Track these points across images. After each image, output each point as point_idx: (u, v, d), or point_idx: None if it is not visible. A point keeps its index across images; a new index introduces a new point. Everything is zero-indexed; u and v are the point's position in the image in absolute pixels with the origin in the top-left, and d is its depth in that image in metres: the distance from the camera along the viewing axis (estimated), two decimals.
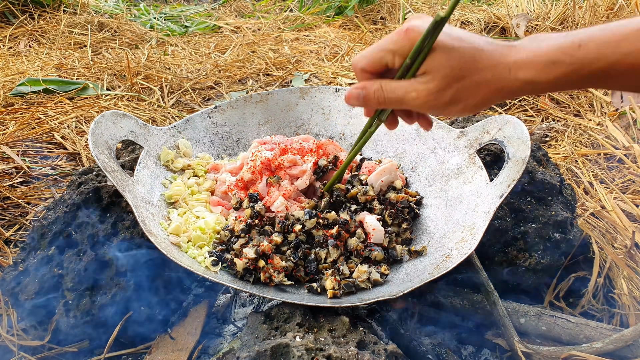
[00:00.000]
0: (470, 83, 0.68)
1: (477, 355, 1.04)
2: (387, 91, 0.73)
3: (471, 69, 0.67)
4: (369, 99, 0.75)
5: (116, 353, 1.02)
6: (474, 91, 0.69)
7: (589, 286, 1.14)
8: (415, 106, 0.72)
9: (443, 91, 0.69)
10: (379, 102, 0.74)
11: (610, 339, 0.93)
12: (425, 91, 0.70)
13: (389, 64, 0.73)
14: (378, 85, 0.73)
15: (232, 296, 1.17)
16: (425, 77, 0.70)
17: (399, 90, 0.72)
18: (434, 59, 0.68)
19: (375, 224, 1.01)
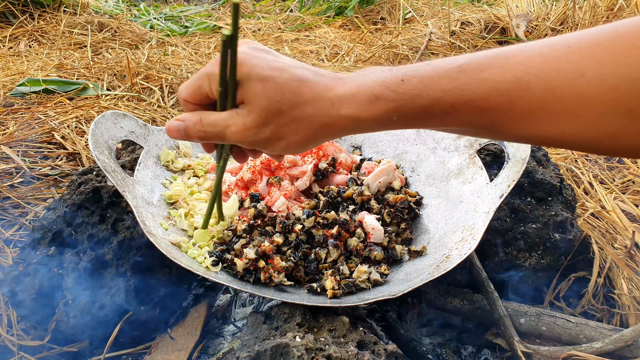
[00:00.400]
0: (290, 118, 0.61)
1: (477, 355, 1.04)
2: (207, 124, 0.65)
3: (291, 103, 0.60)
4: (190, 132, 0.67)
5: (116, 353, 1.02)
6: (295, 127, 0.61)
7: (589, 286, 1.14)
8: (236, 142, 0.65)
9: (262, 127, 0.62)
10: (199, 136, 0.67)
11: (610, 339, 0.93)
12: (243, 126, 0.62)
13: (208, 92, 0.66)
14: (198, 117, 0.66)
15: (232, 296, 1.18)
16: (245, 109, 0.62)
17: (219, 125, 0.65)
18: (250, 88, 0.61)
19: (375, 223, 1.01)
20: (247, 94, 0.62)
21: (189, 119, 0.67)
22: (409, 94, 0.57)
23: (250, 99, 0.62)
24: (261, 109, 0.61)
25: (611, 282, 1.17)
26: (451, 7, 2.94)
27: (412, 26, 2.77)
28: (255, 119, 0.62)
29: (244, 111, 0.62)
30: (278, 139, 0.63)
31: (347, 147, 1.33)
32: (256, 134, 0.63)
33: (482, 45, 2.30)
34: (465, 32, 2.44)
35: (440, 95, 0.56)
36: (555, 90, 0.51)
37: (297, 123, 0.61)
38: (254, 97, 0.61)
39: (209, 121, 0.65)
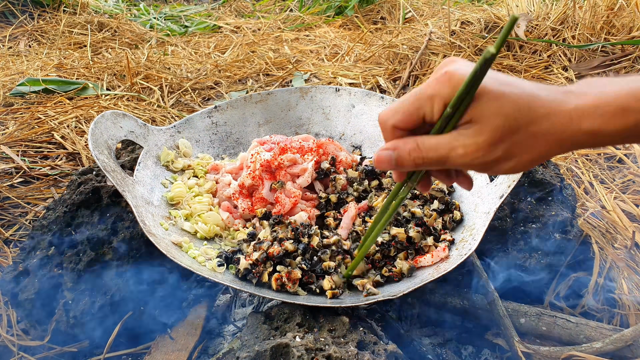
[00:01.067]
0: (526, 135, 0.58)
1: (477, 355, 1.04)
2: (426, 150, 0.61)
3: (527, 119, 0.57)
4: (403, 160, 0.62)
5: (116, 353, 1.02)
6: (530, 145, 0.58)
7: (589, 286, 1.14)
8: (461, 164, 0.61)
9: (495, 145, 0.58)
10: (416, 163, 0.62)
11: (611, 339, 0.93)
12: (474, 146, 0.58)
13: (427, 115, 0.61)
14: (414, 143, 0.62)
15: (232, 296, 1.17)
16: (472, 129, 0.59)
17: (442, 148, 0.60)
18: (483, 107, 0.58)
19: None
20: (479, 113, 0.58)
21: (402, 146, 0.62)
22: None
23: (482, 118, 0.58)
24: (496, 127, 0.58)
25: (611, 282, 1.17)
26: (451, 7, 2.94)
27: (412, 26, 2.77)
28: (488, 138, 0.58)
29: (471, 131, 0.59)
30: (508, 158, 0.60)
31: (347, 147, 1.33)
32: (487, 153, 0.59)
33: (483, 45, 2.30)
34: (466, 31, 2.44)
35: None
36: None
37: (532, 140, 0.58)
38: (488, 115, 0.58)
39: (429, 145, 0.61)
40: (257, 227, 1.07)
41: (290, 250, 0.96)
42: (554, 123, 0.57)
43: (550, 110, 0.57)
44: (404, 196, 0.74)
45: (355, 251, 0.98)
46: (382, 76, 2.20)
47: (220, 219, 1.09)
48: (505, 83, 0.58)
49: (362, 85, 2.14)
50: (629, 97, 0.55)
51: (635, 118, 0.54)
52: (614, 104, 0.55)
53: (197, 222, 1.08)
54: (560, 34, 2.31)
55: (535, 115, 0.57)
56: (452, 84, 0.58)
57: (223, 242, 1.07)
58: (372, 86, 2.14)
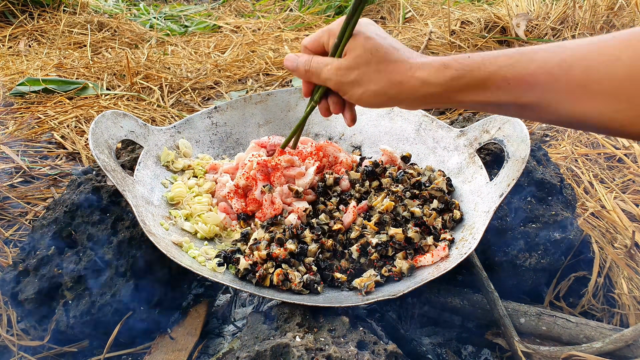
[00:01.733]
0: (374, 69, 0.76)
1: (477, 355, 1.04)
2: (314, 62, 0.84)
3: (379, 58, 0.76)
4: (299, 66, 0.85)
5: (116, 353, 1.02)
6: (375, 77, 0.76)
7: (589, 286, 1.14)
8: (326, 78, 0.82)
9: (350, 69, 0.78)
10: (305, 70, 0.85)
11: (611, 338, 0.93)
12: (337, 66, 0.80)
13: (325, 43, 0.85)
14: (310, 57, 0.85)
15: (232, 296, 1.18)
16: (344, 57, 0.80)
17: (321, 63, 0.82)
18: (354, 42, 0.79)
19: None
20: (351, 46, 0.79)
21: (303, 55, 0.86)
22: (471, 66, 0.70)
23: (351, 49, 0.79)
24: (356, 56, 0.78)
25: (611, 281, 1.17)
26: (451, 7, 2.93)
27: (412, 25, 2.77)
28: (347, 63, 0.79)
29: (343, 58, 0.80)
30: (359, 84, 0.78)
31: (347, 147, 1.33)
32: (344, 74, 0.79)
33: (482, 45, 2.30)
34: (466, 31, 2.43)
35: (496, 70, 0.68)
36: (592, 71, 0.59)
37: (377, 74, 0.76)
38: (354, 47, 0.78)
39: (315, 60, 0.84)
40: (252, 227, 1.07)
41: (292, 250, 0.96)
42: (397, 68, 0.75)
43: (398, 59, 0.76)
44: (309, 110, 0.97)
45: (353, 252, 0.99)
46: None
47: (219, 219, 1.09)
48: (380, 35, 0.79)
49: None
50: (451, 59, 0.72)
51: (452, 73, 0.71)
52: (440, 62, 0.73)
53: (197, 222, 1.08)
54: (560, 33, 2.31)
55: (386, 58, 0.76)
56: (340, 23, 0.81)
57: (223, 242, 1.07)
58: None
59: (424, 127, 1.24)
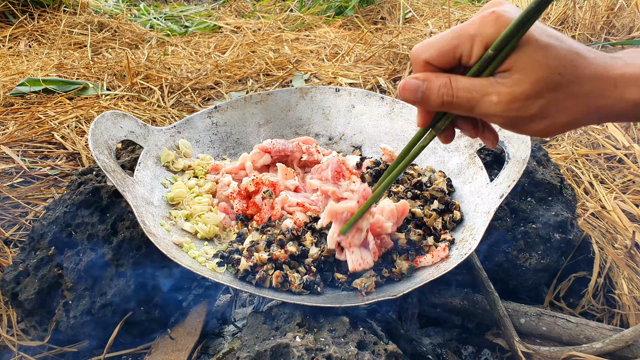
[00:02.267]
0: (566, 94, 0.53)
1: (477, 355, 1.04)
2: (458, 88, 0.56)
3: (571, 77, 0.53)
4: (431, 94, 0.57)
5: (116, 353, 1.02)
6: (568, 105, 0.54)
7: (589, 286, 1.14)
8: (492, 114, 0.56)
9: (532, 99, 0.54)
10: (444, 101, 0.57)
11: (611, 339, 0.93)
12: (510, 96, 0.54)
13: (465, 55, 0.56)
14: (446, 79, 0.56)
15: (232, 296, 1.18)
16: (512, 78, 0.54)
17: (475, 90, 0.55)
18: (527, 56, 0.53)
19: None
20: (521, 61, 0.53)
21: (433, 79, 0.57)
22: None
23: (524, 67, 0.53)
24: (538, 79, 0.53)
25: (611, 282, 1.17)
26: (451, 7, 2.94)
27: (412, 26, 2.77)
28: (526, 89, 0.53)
29: (510, 80, 0.54)
30: (543, 117, 0.55)
31: (347, 147, 1.33)
32: (522, 107, 0.54)
33: None
34: None
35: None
36: None
37: (572, 101, 0.54)
38: (530, 64, 0.53)
39: (461, 85, 0.56)
40: (249, 229, 1.07)
41: (293, 253, 0.96)
42: (598, 87, 0.53)
43: (595, 73, 0.53)
44: (425, 144, 0.68)
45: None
46: (382, 76, 2.20)
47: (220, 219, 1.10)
48: (554, 36, 0.54)
49: (362, 86, 2.14)
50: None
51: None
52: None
53: (197, 223, 1.08)
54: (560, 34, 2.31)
55: (580, 75, 0.53)
56: (499, 25, 0.53)
57: (222, 243, 1.07)
58: (372, 86, 2.14)
59: None
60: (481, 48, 0.55)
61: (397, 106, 1.29)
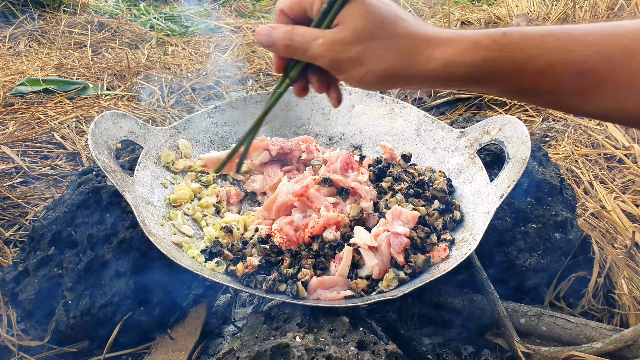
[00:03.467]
0: (381, 45, 0.61)
1: (477, 355, 1.04)
2: (296, 34, 0.66)
3: (387, 31, 0.61)
4: (276, 39, 0.67)
5: (116, 353, 1.02)
6: (383, 55, 0.61)
7: (589, 286, 1.14)
8: (317, 55, 0.65)
9: (350, 44, 0.62)
10: (285, 44, 0.67)
11: (611, 339, 0.93)
12: (331, 40, 0.63)
13: (308, 9, 0.66)
14: (289, 27, 0.67)
15: (232, 296, 1.18)
16: (337, 27, 0.63)
17: (308, 35, 0.65)
18: (351, 10, 0.63)
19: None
20: (346, 14, 0.63)
21: (281, 27, 0.67)
22: (510, 46, 0.57)
23: (347, 19, 0.62)
24: (356, 28, 0.62)
25: (611, 282, 1.17)
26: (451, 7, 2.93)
27: None
28: (346, 35, 0.62)
29: (337, 29, 0.63)
30: (361, 62, 0.62)
31: (347, 147, 1.33)
32: (341, 50, 0.63)
33: None
34: None
35: (541, 53, 0.56)
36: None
37: (386, 51, 0.61)
38: (352, 17, 0.62)
39: (299, 31, 0.66)
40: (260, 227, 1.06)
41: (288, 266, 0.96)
42: (411, 44, 0.61)
43: (412, 32, 0.61)
44: (282, 91, 0.75)
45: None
46: None
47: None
48: (382, 1, 0.63)
49: None
50: (483, 36, 0.59)
51: (484, 54, 0.58)
52: (468, 39, 0.59)
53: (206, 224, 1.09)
54: None
55: (396, 31, 0.61)
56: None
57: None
58: None
59: (424, 128, 1.24)
60: (319, 3, 0.64)
61: (397, 106, 1.29)
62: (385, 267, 0.94)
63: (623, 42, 0.54)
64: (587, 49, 0.55)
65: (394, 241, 0.95)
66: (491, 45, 0.58)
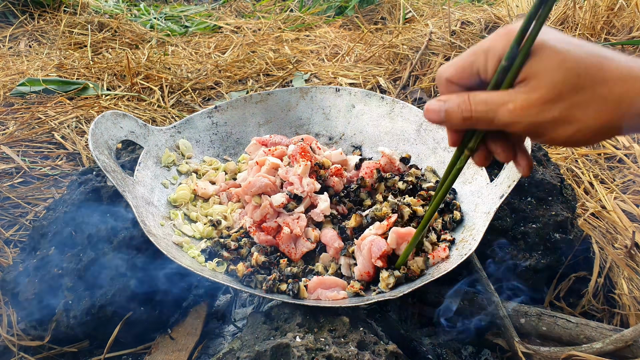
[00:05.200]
0: (592, 96, 0.51)
1: (477, 355, 1.04)
2: (476, 103, 0.57)
3: (595, 78, 0.51)
4: (452, 112, 0.59)
5: (116, 353, 1.02)
6: (595, 109, 0.51)
7: (589, 286, 1.14)
8: (509, 122, 0.55)
9: (551, 103, 0.52)
10: (464, 117, 0.58)
11: (611, 339, 0.93)
12: (526, 101, 0.53)
13: (481, 69, 0.58)
14: (465, 96, 0.58)
15: (232, 296, 1.17)
16: (528, 85, 0.54)
17: (492, 102, 0.56)
18: (540, 62, 0.53)
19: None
20: (535, 68, 0.53)
21: (453, 99, 0.59)
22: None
23: (538, 74, 0.53)
24: (555, 82, 0.52)
25: (611, 282, 1.17)
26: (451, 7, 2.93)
27: (412, 26, 2.77)
28: (543, 94, 0.53)
29: (527, 88, 0.54)
30: (567, 122, 0.53)
31: (347, 147, 1.33)
32: (540, 112, 0.53)
33: None
34: (466, 31, 2.44)
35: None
36: None
37: (600, 103, 0.51)
38: (545, 70, 0.53)
39: (478, 99, 0.57)
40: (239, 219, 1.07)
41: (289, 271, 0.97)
42: (629, 88, 0.50)
43: (625, 74, 0.51)
44: (461, 166, 0.69)
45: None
46: (382, 76, 2.20)
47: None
48: (571, 42, 0.53)
49: (362, 86, 2.14)
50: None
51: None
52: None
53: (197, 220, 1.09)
54: None
55: (606, 76, 0.51)
56: (509, 37, 0.55)
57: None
58: (373, 86, 2.14)
59: (424, 128, 1.24)
60: (495, 61, 0.56)
61: (397, 106, 1.29)
62: (366, 270, 0.95)
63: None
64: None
65: (374, 246, 0.95)
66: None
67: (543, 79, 0.53)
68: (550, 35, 0.54)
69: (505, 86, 0.57)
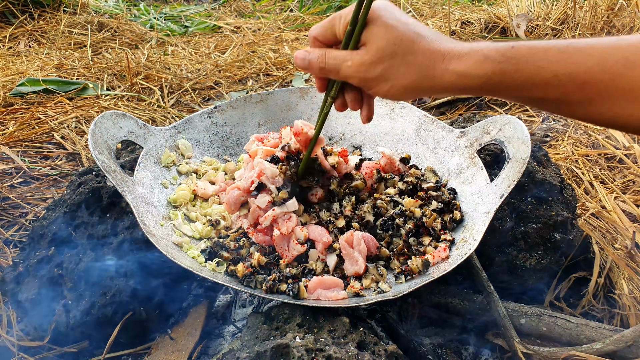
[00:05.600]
0: (401, 62, 0.69)
1: (477, 355, 1.04)
2: (328, 57, 0.75)
3: (406, 49, 0.69)
4: (312, 62, 0.77)
5: (116, 353, 1.02)
6: (404, 71, 0.70)
7: (589, 286, 1.14)
8: (348, 75, 0.74)
9: (374, 64, 0.71)
10: (320, 67, 0.76)
11: (611, 339, 0.93)
12: (359, 62, 0.72)
13: (337, 32, 0.76)
14: (323, 51, 0.76)
15: (232, 296, 1.17)
16: (362, 49, 0.72)
17: (338, 58, 0.74)
18: (372, 31, 0.71)
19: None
20: (369, 36, 0.71)
21: (315, 51, 0.77)
22: (517, 59, 0.63)
23: (370, 40, 0.71)
24: (378, 49, 0.70)
25: (612, 282, 1.17)
26: (451, 7, 2.93)
27: None
28: (370, 57, 0.71)
29: (362, 51, 0.72)
30: (385, 79, 0.71)
31: (347, 147, 1.33)
32: (368, 70, 0.72)
33: None
34: (466, 31, 2.44)
35: (546, 65, 0.62)
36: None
37: (406, 67, 0.69)
38: (374, 38, 0.71)
39: (331, 55, 0.75)
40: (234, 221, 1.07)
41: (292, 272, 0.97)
42: (429, 59, 0.68)
43: (429, 48, 0.69)
44: (327, 111, 0.88)
45: None
46: None
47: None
48: (401, 21, 0.71)
49: None
50: (492, 50, 0.65)
51: (494, 66, 0.65)
52: (480, 53, 0.66)
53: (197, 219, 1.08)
54: (560, 34, 2.31)
55: (414, 49, 0.69)
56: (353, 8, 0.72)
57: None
58: None
59: (424, 128, 1.24)
60: (345, 25, 0.74)
61: (397, 106, 1.29)
62: (357, 267, 0.95)
63: (624, 55, 0.58)
64: (589, 60, 0.60)
65: (362, 244, 0.96)
66: (499, 58, 0.64)
67: (372, 45, 0.71)
68: (385, 11, 0.71)
69: (351, 47, 0.74)
